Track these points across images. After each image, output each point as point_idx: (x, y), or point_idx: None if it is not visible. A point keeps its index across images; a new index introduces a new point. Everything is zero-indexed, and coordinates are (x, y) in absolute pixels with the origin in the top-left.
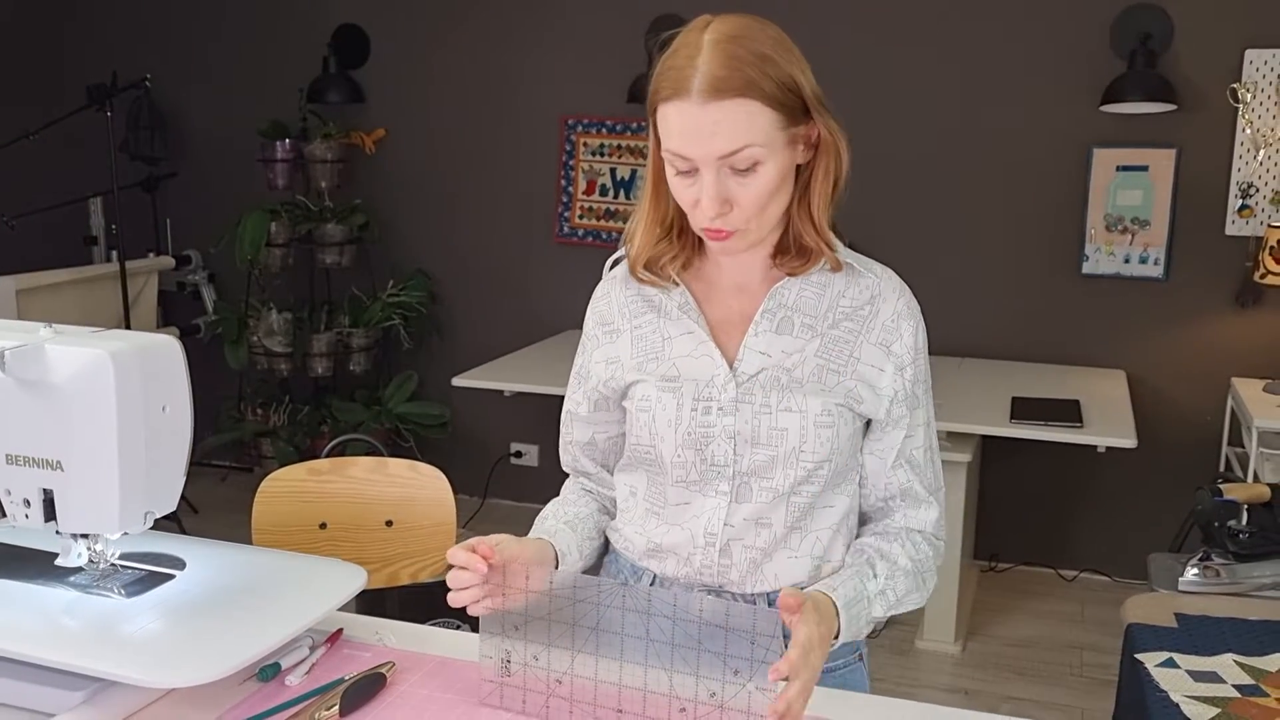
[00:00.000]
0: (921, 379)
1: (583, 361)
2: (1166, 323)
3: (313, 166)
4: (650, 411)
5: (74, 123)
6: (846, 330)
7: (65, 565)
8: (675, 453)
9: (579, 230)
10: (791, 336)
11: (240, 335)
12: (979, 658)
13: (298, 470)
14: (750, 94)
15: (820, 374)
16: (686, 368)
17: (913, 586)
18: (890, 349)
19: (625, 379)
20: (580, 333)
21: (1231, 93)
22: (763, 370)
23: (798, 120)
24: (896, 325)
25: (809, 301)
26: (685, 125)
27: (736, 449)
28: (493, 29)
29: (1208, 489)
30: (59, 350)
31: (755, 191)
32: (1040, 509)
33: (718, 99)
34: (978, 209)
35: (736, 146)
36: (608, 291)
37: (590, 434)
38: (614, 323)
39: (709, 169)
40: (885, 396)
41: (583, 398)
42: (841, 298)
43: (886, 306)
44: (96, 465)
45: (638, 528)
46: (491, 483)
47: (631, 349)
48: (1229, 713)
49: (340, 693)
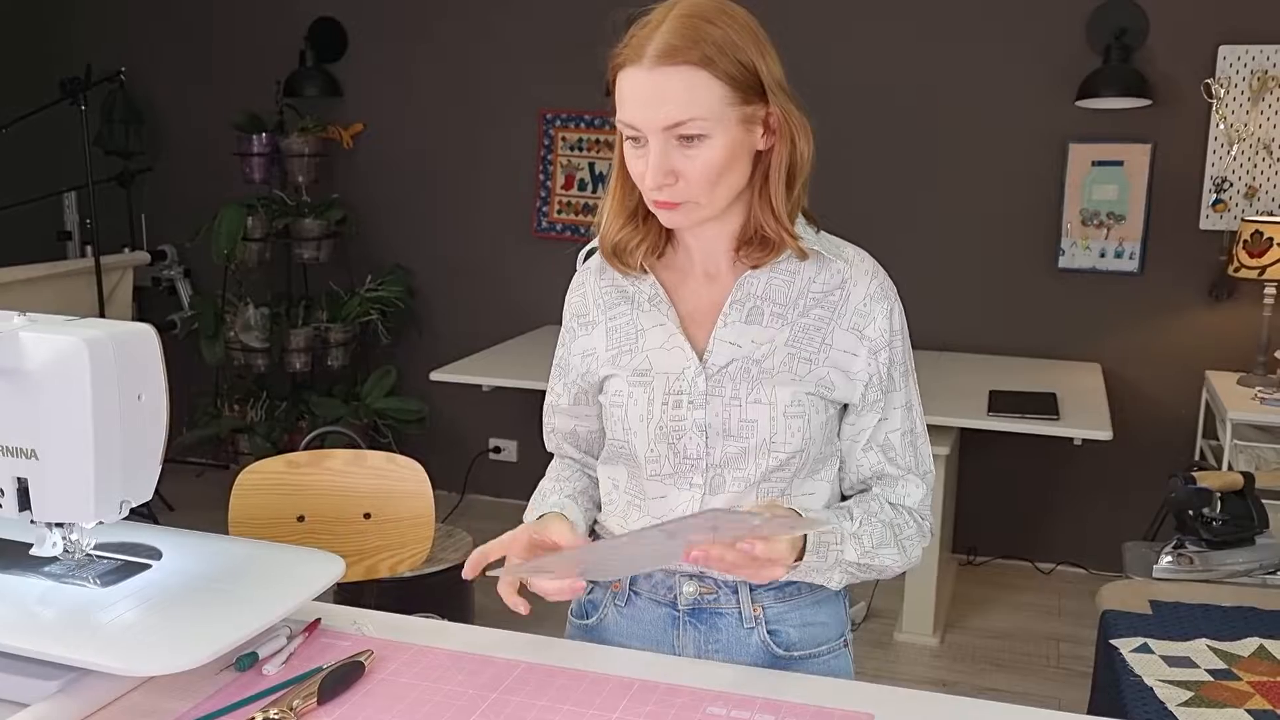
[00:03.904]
0: (899, 361)
1: (562, 354)
2: (1142, 316)
3: (290, 161)
4: (623, 407)
5: (47, 117)
6: (817, 317)
7: (40, 555)
8: (649, 447)
9: (557, 225)
10: (761, 326)
11: (217, 331)
12: (957, 650)
13: (275, 463)
14: (701, 65)
15: (791, 363)
16: (658, 360)
17: (888, 539)
18: (863, 333)
19: (600, 373)
20: (559, 327)
21: (1206, 88)
22: (732, 361)
23: (751, 100)
24: (869, 308)
25: (778, 290)
26: (635, 92)
27: (709, 441)
28: (471, 22)
29: (1181, 477)
30: (33, 337)
31: (701, 165)
32: (1017, 502)
33: (667, 64)
34: (954, 204)
35: (682, 117)
36: (582, 283)
37: (572, 425)
38: (589, 314)
39: (655, 138)
40: (859, 381)
41: (563, 390)
42: (812, 284)
43: (858, 290)
44: (71, 453)
45: (620, 520)
46: (470, 478)
47: (606, 340)
48: (1202, 696)
49: (318, 681)
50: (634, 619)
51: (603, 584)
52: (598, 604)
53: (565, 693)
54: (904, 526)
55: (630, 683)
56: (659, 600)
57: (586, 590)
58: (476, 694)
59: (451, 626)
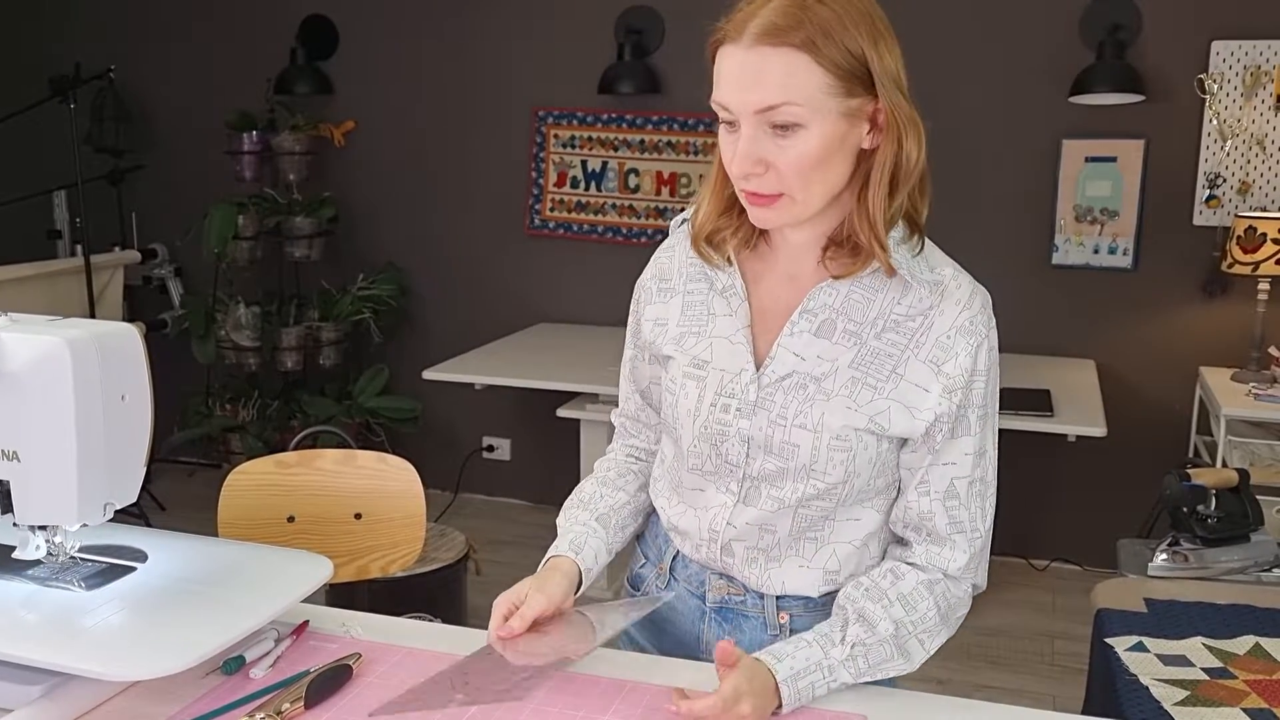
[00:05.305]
0: (976, 404)
1: (634, 321)
2: (1135, 313)
3: (281, 159)
4: (675, 395)
5: (37, 115)
6: (890, 343)
7: (23, 558)
8: (692, 443)
9: (550, 223)
10: (831, 342)
11: (208, 330)
12: (952, 647)
13: (265, 463)
14: (804, 48)
15: (852, 388)
16: (719, 352)
17: (892, 654)
18: (941, 368)
19: (664, 350)
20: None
21: (1199, 84)
22: (792, 374)
23: (857, 92)
24: (952, 342)
25: (856, 306)
26: (730, 70)
27: (749, 453)
28: (463, 19)
29: (1176, 474)
30: (14, 338)
31: (793, 156)
32: (1011, 498)
33: (767, 45)
34: (948, 200)
35: (776, 101)
36: (673, 245)
37: (646, 383)
38: (672, 280)
39: (747, 122)
40: (923, 420)
41: (636, 350)
42: (895, 305)
43: (943, 319)
44: (54, 455)
45: (665, 501)
46: (464, 477)
47: (680, 314)
48: (1198, 695)
49: (306, 685)
50: (670, 603)
51: (652, 560)
52: (645, 579)
53: (557, 694)
54: (920, 623)
55: (622, 684)
56: (692, 591)
57: (639, 564)
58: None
59: (440, 628)
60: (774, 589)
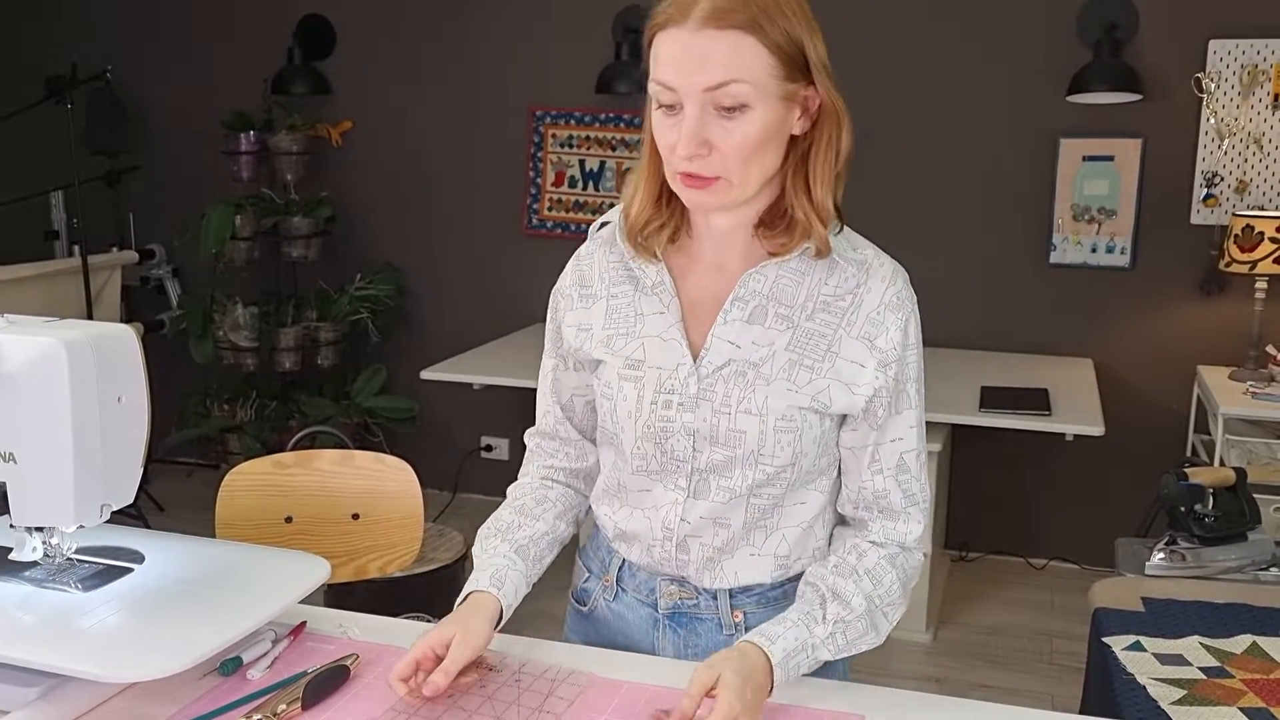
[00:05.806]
0: (911, 377)
1: (553, 328)
2: (1133, 311)
3: (278, 159)
4: (612, 400)
5: (33, 116)
6: (823, 323)
7: (20, 559)
8: (635, 444)
9: (548, 222)
10: (764, 327)
11: (205, 330)
12: (950, 646)
13: (262, 463)
14: (750, 31)
15: (790, 370)
16: (653, 351)
17: (865, 629)
18: (874, 343)
19: (593, 354)
20: (550, 325)
21: (1196, 82)
22: (729, 363)
23: (795, 77)
24: (881, 317)
25: (785, 290)
26: (676, 52)
27: (695, 445)
28: (460, 19)
29: (1173, 473)
30: (11, 339)
31: (739, 137)
32: (1009, 497)
33: (713, 27)
34: (945, 200)
35: (726, 79)
36: (590, 253)
37: (569, 396)
38: (592, 286)
39: (693, 102)
40: (862, 395)
41: (558, 360)
42: (822, 286)
43: (871, 297)
44: (51, 457)
45: (608, 510)
46: (462, 477)
47: (605, 319)
48: (1195, 694)
49: (303, 686)
50: (620, 615)
51: (596, 573)
52: (591, 593)
53: (553, 696)
54: (886, 596)
55: (619, 684)
56: (642, 600)
57: (582, 578)
58: (462, 697)
59: None
60: (727, 582)
